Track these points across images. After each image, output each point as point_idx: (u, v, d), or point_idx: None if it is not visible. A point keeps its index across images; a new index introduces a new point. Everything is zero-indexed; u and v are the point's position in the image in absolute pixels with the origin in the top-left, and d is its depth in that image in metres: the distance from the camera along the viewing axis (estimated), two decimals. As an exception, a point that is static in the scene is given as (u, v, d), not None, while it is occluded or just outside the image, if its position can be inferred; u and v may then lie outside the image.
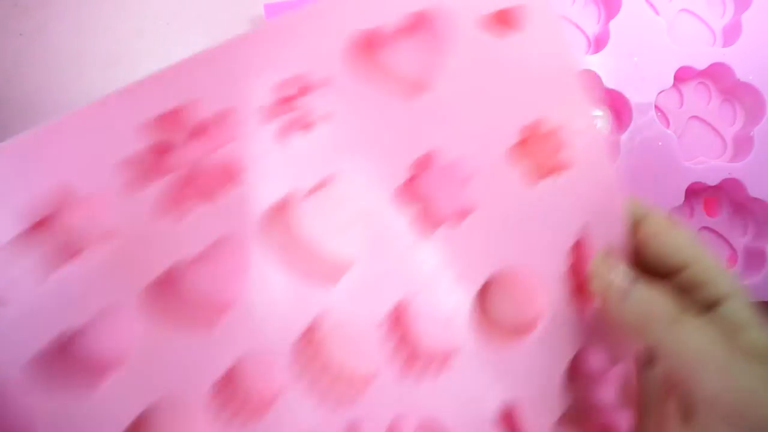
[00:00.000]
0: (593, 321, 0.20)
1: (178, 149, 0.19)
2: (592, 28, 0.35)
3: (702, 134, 0.35)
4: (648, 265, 0.20)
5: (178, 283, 0.19)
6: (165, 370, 0.18)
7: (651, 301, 0.18)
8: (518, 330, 0.20)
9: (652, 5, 0.34)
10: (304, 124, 0.19)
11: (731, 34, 0.34)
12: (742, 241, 0.35)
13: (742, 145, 0.34)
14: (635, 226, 0.20)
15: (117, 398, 0.18)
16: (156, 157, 0.18)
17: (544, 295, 0.20)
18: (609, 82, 0.33)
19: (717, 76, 0.34)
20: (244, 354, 0.19)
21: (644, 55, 0.33)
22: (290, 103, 0.19)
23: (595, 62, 0.33)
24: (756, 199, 0.33)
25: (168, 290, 0.19)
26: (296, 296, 0.19)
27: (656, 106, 0.33)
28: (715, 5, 0.35)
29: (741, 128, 0.35)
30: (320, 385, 0.19)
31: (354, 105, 0.19)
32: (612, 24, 0.33)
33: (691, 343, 0.17)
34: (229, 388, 0.19)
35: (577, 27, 0.35)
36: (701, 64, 0.33)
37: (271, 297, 0.19)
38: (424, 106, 0.19)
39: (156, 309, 0.18)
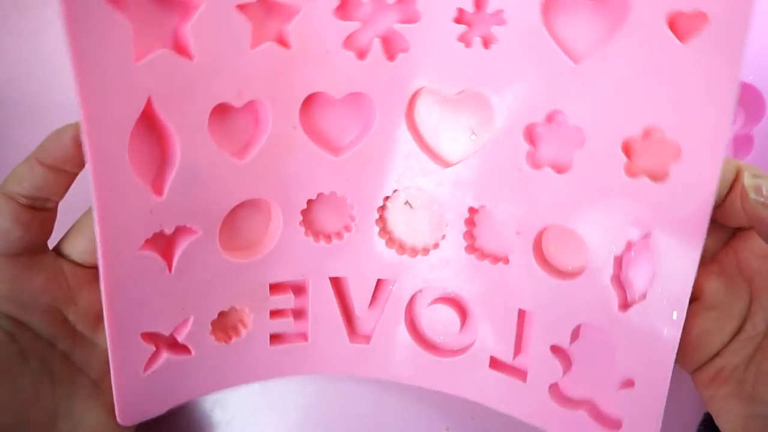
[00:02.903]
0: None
1: (377, 6, 0.22)
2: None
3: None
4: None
5: (318, 110, 0.24)
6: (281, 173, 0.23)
7: None
8: (555, 271, 0.24)
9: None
10: (485, 41, 0.22)
11: (731, 34, 0.33)
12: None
13: (742, 144, 0.33)
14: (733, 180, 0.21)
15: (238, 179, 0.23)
16: (356, 3, 0.22)
17: (590, 255, 0.22)
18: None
19: (717, 77, 0.33)
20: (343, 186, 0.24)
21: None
22: (480, 18, 0.22)
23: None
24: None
25: (310, 112, 0.24)
26: (405, 161, 0.24)
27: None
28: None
29: (741, 128, 0.33)
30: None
31: (528, 46, 0.21)
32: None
33: None
34: (314, 209, 0.25)
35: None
36: (702, 64, 0.32)
37: (383, 153, 0.24)
38: (578, 72, 0.21)
39: (299, 120, 0.23)
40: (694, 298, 0.22)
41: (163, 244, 0.23)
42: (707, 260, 0.23)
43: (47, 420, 0.22)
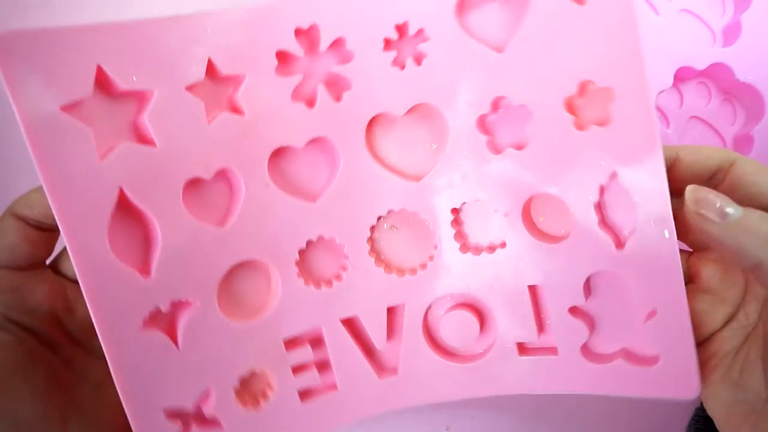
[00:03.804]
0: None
1: (312, 57, 0.24)
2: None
3: (702, 134, 0.35)
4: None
5: (285, 163, 0.25)
6: (265, 231, 0.24)
7: (754, 219, 0.20)
8: (550, 237, 0.25)
9: (651, 5, 0.34)
10: (417, 59, 0.24)
11: (731, 34, 0.35)
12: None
13: (742, 144, 0.34)
14: (724, 169, 0.22)
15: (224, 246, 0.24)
16: (292, 59, 0.23)
17: (572, 217, 0.24)
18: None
19: (717, 76, 0.35)
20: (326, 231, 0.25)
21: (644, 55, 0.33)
22: (405, 42, 0.24)
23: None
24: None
25: (278, 167, 0.25)
26: (378, 189, 0.25)
27: (656, 107, 0.34)
28: (715, 5, 0.35)
29: (741, 128, 0.35)
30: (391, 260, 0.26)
31: (453, 53, 0.24)
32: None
33: None
34: (307, 258, 0.26)
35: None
36: (701, 64, 0.33)
37: (356, 187, 0.25)
38: (504, 59, 0.23)
39: (270, 178, 0.24)
40: (690, 281, 0.24)
41: (164, 321, 0.23)
42: (706, 245, 0.24)
43: (60, 419, 0.22)
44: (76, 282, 0.24)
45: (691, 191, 0.21)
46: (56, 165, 0.20)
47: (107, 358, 0.22)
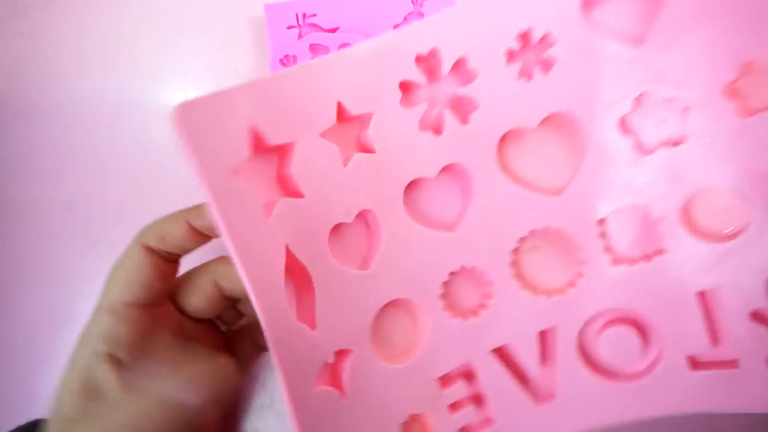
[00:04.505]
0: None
1: (434, 83, 0.23)
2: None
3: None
4: None
5: (419, 195, 0.24)
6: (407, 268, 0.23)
7: None
8: (720, 236, 0.23)
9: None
10: (544, 67, 0.22)
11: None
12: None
13: None
14: None
15: (370, 288, 0.23)
16: (415, 87, 0.23)
17: (748, 210, 0.22)
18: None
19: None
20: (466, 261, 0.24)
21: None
22: (530, 50, 0.22)
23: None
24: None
25: (413, 200, 0.24)
26: (517, 208, 0.24)
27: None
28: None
29: None
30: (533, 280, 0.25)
31: (584, 55, 0.22)
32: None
33: None
34: (451, 290, 0.24)
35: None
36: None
37: (493, 209, 0.24)
38: (643, 52, 0.22)
39: (406, 212, 0.23)
40: None
41: (331, 373, 0.22)
42: None
43: None
44: (190, 317, 0.23)
45: None
46: (240, 232, 0.19)
47: (292, 419, 0.21)
